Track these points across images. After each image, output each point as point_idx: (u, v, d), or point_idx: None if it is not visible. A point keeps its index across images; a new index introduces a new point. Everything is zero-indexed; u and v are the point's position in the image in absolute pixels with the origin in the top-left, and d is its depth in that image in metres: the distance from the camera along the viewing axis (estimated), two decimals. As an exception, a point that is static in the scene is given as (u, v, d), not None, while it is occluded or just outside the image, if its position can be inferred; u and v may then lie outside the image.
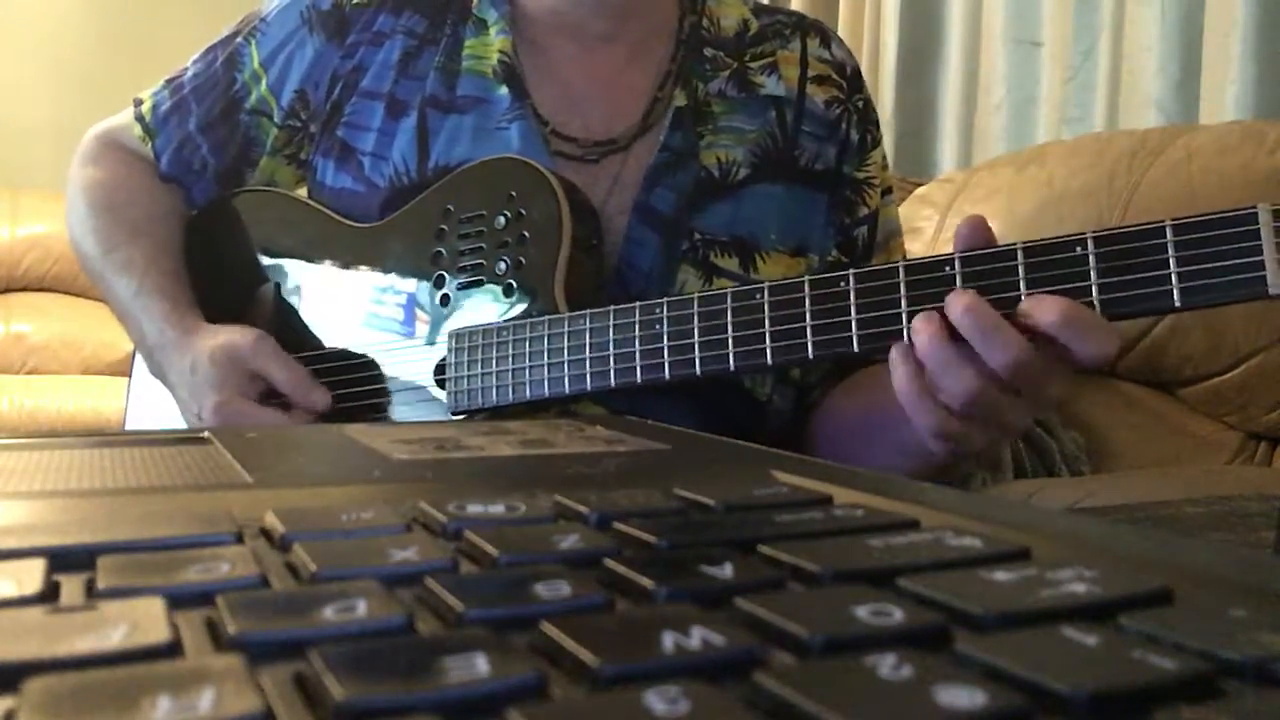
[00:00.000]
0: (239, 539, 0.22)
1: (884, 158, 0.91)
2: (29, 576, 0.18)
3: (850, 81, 0.89)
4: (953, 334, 0.58)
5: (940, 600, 0.17)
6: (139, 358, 0.91)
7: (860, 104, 0.89)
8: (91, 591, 0.18)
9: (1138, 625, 0.16)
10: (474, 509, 0.23)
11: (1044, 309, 0.55)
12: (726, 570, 0.19)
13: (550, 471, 0.32)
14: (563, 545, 0.21)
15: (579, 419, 0.52)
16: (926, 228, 1.54)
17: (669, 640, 0.15)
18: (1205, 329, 1.25)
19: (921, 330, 0.58)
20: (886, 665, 0.14)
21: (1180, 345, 1.27)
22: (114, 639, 0.15)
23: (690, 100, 0.83)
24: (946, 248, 1.55)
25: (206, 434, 0.37)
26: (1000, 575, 0.18)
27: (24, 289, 3.08)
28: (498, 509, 0.24)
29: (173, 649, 0.15)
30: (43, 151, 3.30)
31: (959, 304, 0.57)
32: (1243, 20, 1.48)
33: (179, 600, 0.17)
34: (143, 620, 0.16)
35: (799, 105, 0.86)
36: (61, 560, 0.19)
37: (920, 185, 1.68)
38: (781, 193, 0.84)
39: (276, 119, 0.89)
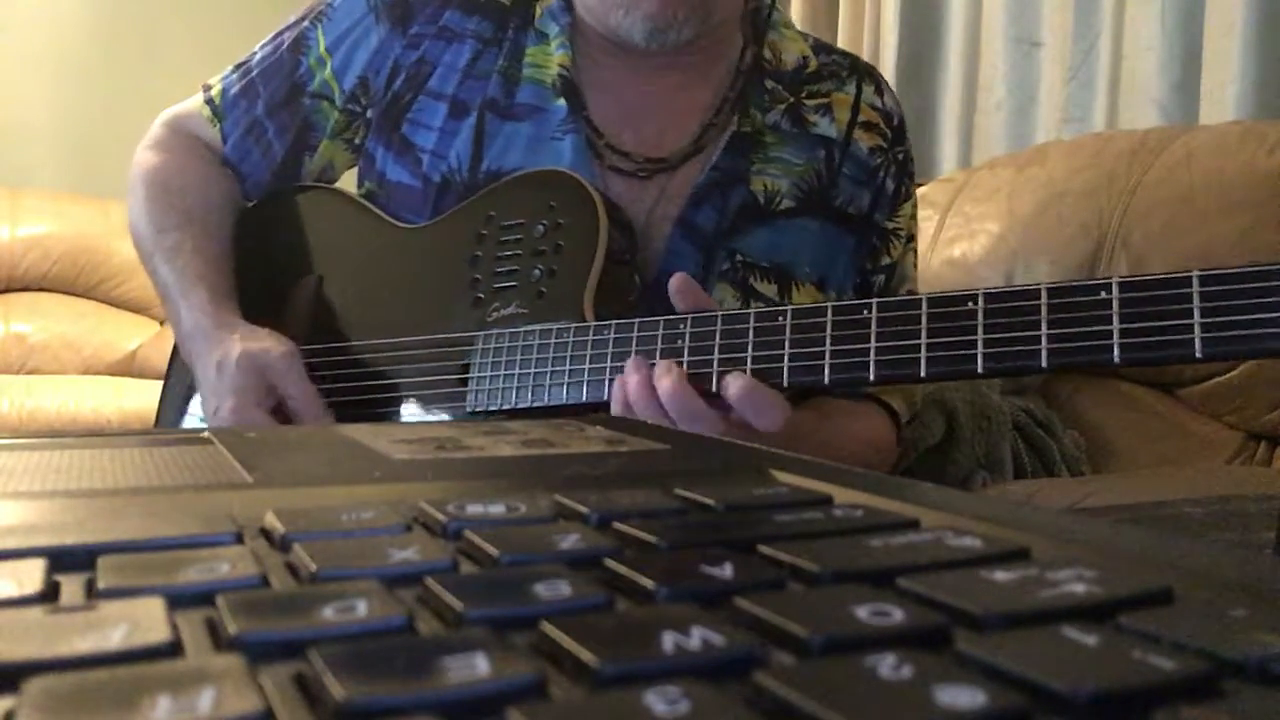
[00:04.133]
0: (239, 539, 0.22)
1: (914, 208, 0.94)
2: (29, 576, 0.18)
3: (895, 132, 0.92)
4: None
5: (940, 600, 0.17)
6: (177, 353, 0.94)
7: (900, 155, 0.92)
8: (91, 591, 0.18)
9: (1138, 625, 0.16)
10: (474, 509, 0.24)
11: (731, 385, 0.65)
12: (726, 570, 0.19)
13: (550, 471, 0.32)
14: (563, 545, 0.21)
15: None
16: (926, 228, 1.54)
17: (669, 640, 0.15)
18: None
19: (630, 376, 0.68)
20: (886, 665, 0.14)
21: (1180, 345, 1.27)
22: (114, 639, 0.15)
23: (748, 128, 0.86)
24: (947, 248, 1.54)
25: (207, 434, 0.37)
26: (1000, 575, 0.18)
27: (24, 289, 3.08)
28: (498, 509, 0.24)
29: (173, 649, 0.15)
30: (43, 151, 3.30)
31: (664, 384, 0.66)
32: (1243, 20, 1.48)
33: (179, 600, 0.17)
34: (143, 620, 0.16)
35: (844, 148, 0.88)
36: (61, 560, 0.19)
37: (920, 185, 1.68)
38: (817, 228, 0.87)
39: (338, 103, 0.91)
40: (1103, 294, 0.56)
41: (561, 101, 0.85)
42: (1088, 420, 1.32)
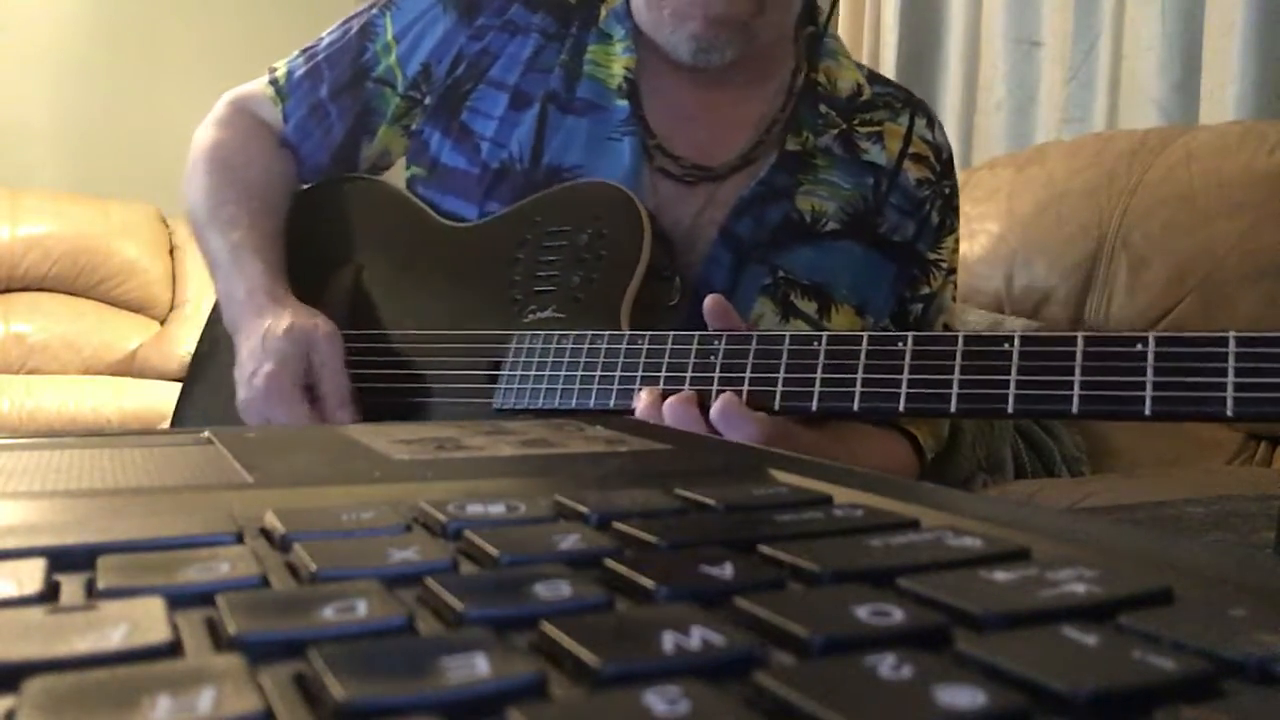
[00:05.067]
0: (239, 539, 0.22)
1: (956, 242, 0.96)
2: (29, 576, 0.18)
3: (944, 166, 0.94)
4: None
5: (940, 600, 0.17)
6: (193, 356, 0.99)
7: (947, 190, 0.94)
8: (91, 591, 0.18)
9: (1138, 625, 0.16)
10: (474, 509, 0.24)
11: (716, 404, 0.68)
12: (726, 570, 0.19)
13: (550, 471, 0.32)
14: (563, 545, 0.21)
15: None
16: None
17: (669, 640, 0.15)
18: (1206, 328, 1.25)
19: (643, 399, 0.71)
20: (886, 665, 0.14)
21: (1180, 345, 1.27)
22: (114, 639, 0.15)
23: (799, 147, 0.87)
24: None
25: (207, 434, 0.37)
26: (1000, 575, 0.18)
27: (24, 289, 3.08)
28: (498, 509, 0.24)
29: (173, 649, 0.15)
30: (43, 151, 3.30)
31: (674, 407, 0.69)
32: (1243, 20, 1.48)
33: (179, 600, 0.17)
34: (143, 620, 0.16)
35: (893, 177, 0.90)
36: (61, 560, 0.19)
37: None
38: (860, 252, 0.88)
39: (400, 89, 0.93)
40: (1139, 346, 0.56)
41: (624, 102, 0.87)
42: (1088, 420, 1.32)
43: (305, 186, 0.98)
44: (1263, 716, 0.13)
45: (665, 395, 0.70)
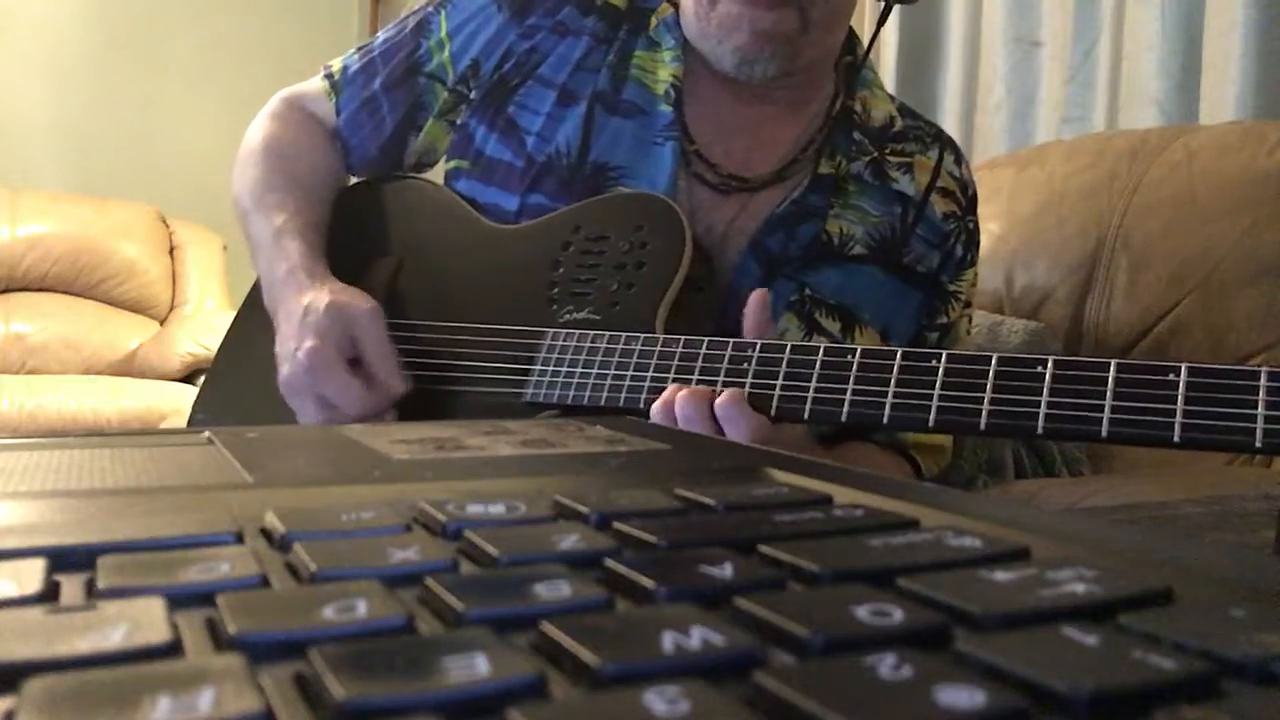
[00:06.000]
0: (239, 539, 0.22)
1: (975, 276, 0.99)
2: (29, 576, 0.18)
3: (969, 202, 0.97)
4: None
5: (940, 600, 0.17)
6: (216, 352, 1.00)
7: (971, 225, 0.96)
8: (91, 591, 0.18)
9: (1138, 625, 0.16)
10: (474, 509, 0.24)
11: (720, 398, 0.69)
12: (726, 570, 0.19)
13: (550, 471, 0.32)
14: (563, 545, 0.21)
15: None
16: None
17: (669, 640, 0.15)
18: (1206, 329, 1.25)
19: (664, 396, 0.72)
20: (886, 665, 0.14)
21: (1181, 345, 1.27)
22: (114, 639, 0.15)
23: (831, 170, 0.89)
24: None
25: (207, 434, 0.37)
26: (1000, 575, 0.18)
27: (24, 289, 3.08)
28: (498, 509, 0.24)
29: (173, 649, 0.15)
30: (43, 151, 3.30)
31: (684, 399, 0.70)
32: (1243, 20, 1.48)
33: (179, 600, 0.17)
34: (143, 620, 0.16)
35: (921, 208, 0.93)
36: (61, 560, 0.19)
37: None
38: (884, 279, 0.90)
39: (449, 84, 0.95)
40: (1171, 376, 0.57)
41: (668, 108, 0.89)
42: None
43: (351, 184, 1.00)
44: (1263, 716, 0.13)
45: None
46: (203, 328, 2.94)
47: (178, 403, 2.57)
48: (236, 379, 0.97)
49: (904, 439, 0.92)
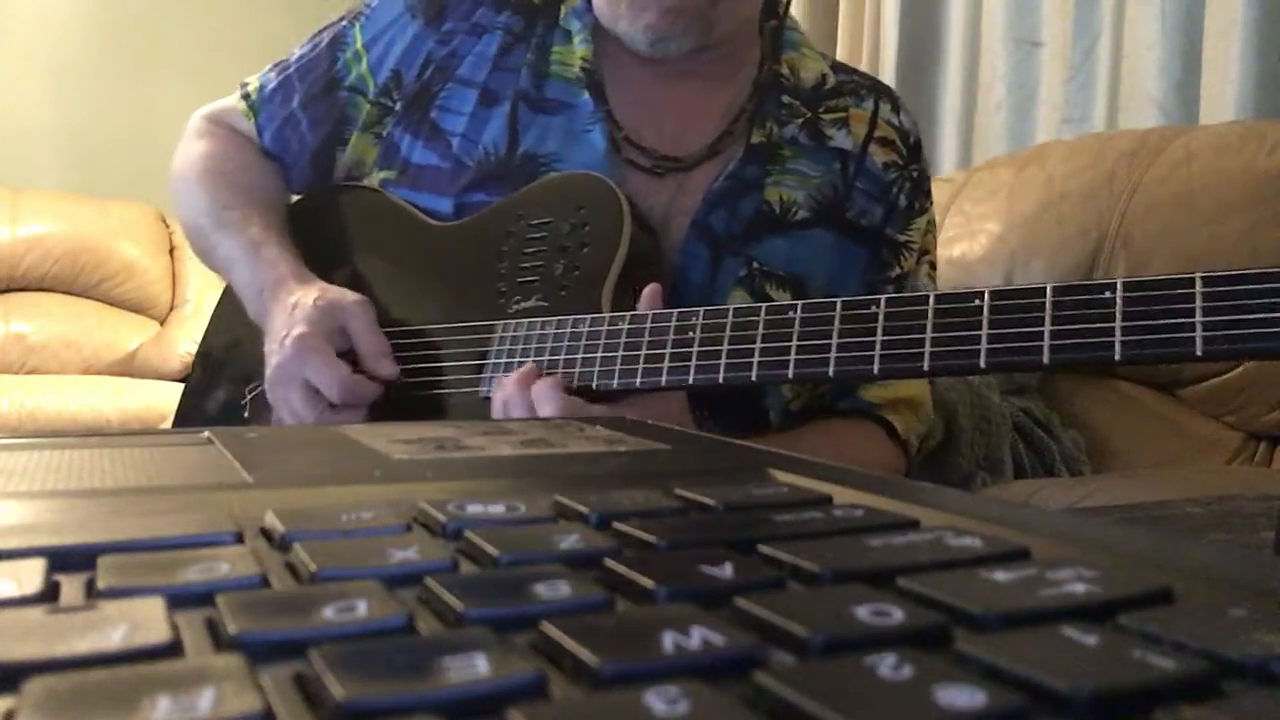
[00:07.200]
0: (239, 539, 0.22)
1: (930, 224, 0.96)
2: (29, 576, 0.18)
3: (911, 150, 0.94)
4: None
5: (940, 600, 0.17)
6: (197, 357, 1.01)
7: (915, 173, 0.94)
8: (91, 591, 0.18)
9: (1138, 625, 0.16)
10: (474, 509, 0.23)
11: (537, 384, 0.72)
12: (726, 570, 0.19)
13: (550, 471, 0.32)
14: (563, 545, 0.21)
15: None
16: (926, 228, 1.54)
17: (669, 640, 0.15)
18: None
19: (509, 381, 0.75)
20: (886, 665, 0.14)
21: (1180, 345, 1.27)
22: (114, 639, 0.15)
23: (765, 139, 0.88)
24: (947, 248, 1.54)
25: (206, 434, 0.37)
26: (1000, 575, 0.18)
27: (24, 289, 3.08)
28: (498, 509, 0.24)
29: (173, 649, 0.15)
30: (43, 151, 3.30)
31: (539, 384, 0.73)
32: (1243, 20, 1.48)
33: (179, 600, 0.17)
34: (143, 620, 0.16)
35: (860, 161, 0.91)
36: (61, 560, 0.19)
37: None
38: (831, 240, 0.89)
39: (371, 96, 0.94)
40: (1107, 294, 0.56)
41: (586, 95, 0.88)
42: (1088, 420, 1.32)
43: (292, 200, 0.99)
44: (1263, 716, 0.13)
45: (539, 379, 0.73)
46: (202, 328, 2.93)
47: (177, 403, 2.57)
48: (213, 391, 0.97)
49: (870, 400, 0.90)
